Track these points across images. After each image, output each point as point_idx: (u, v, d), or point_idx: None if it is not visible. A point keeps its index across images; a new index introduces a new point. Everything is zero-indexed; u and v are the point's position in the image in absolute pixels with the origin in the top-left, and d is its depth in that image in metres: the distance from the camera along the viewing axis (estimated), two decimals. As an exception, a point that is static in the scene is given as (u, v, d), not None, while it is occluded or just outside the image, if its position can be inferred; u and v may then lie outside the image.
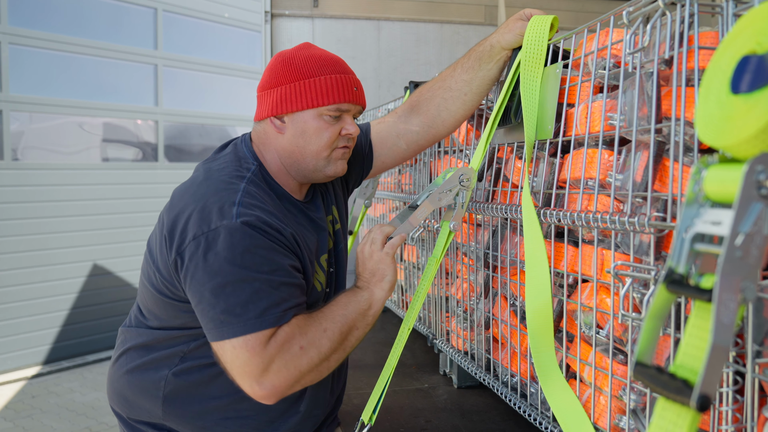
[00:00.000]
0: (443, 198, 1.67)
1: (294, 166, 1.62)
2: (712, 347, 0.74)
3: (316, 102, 1.56)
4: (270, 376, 1.38)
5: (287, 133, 1.60)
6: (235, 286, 1.39)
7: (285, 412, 1.61)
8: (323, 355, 1.44)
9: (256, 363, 1.38)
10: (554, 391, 1.49)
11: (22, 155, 5.52)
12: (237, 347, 1.38)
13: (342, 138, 1.62)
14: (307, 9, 7.23)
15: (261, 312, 1.38)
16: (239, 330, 1.38)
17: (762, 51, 0.77)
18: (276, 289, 1.42)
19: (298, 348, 1.41)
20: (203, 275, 1.40)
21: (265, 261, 1.42)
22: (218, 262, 1.39)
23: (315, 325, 1.45)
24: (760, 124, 0.73)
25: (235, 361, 1.39)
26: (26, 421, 4.51)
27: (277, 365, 1.39)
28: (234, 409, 1.57)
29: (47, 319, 5.62)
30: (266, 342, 1.38)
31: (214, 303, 1.39)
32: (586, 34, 1.49)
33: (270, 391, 1.39)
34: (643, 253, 1.26)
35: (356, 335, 1.52)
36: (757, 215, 0.75)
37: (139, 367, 1.62)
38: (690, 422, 0.76)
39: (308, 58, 1.59)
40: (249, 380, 1.39)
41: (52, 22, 5.61)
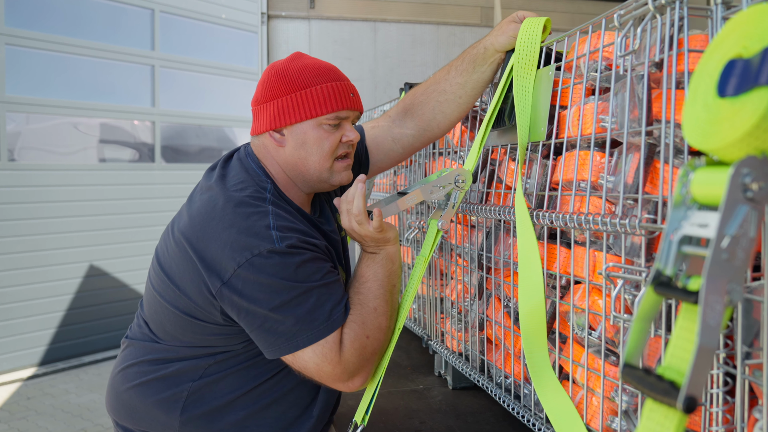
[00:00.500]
0: (435, 192, 1.68)
1: (300, 178, 1.63)
2: (698, 349, 0.74)
3: (315, 112, 1.57)
4: (356, 372, 1.53)
5: (288, 146, 1.61)
6: (299, 299, 1.46)
7: (299, 418, 1.66)
8: (385, 328, 1.58)
9: (340, 371, 1.50)
10: (547, 392, 1.49)
11: (18, 156, 5.52)
12: (318, 362, 1.48)
13: (343, 145, 1.63)
14: (303, 10, 7.23)
15: (328, 314, 1.48)
16: (313, 336, 1.47)
17: (748, 55, 0.78)
18: (332, 289, 1.52)
19: (365, 338, 1.52)
20: (263, 298, 1.44)
21: (315, 270, 1.49)
22: (275, 283, 1.44)
23: (366, 310, 1.55)
24: (745, 127, 0.74)
25: (321, 374, 1.50)
26: (21, 422, 4.50)
27: (359, 363, 1.52)
28: (254, 418, 1.61)
29: (43, 320, 5.62)
30: (339, 348, 1.49)
31: (281, 319, 1.45)
32: (578, 37, 1.50)
33: (361, 382, 1.55)
34: (635, 254, 1.26)
35: (397, 290, 1.64)
36: (742, 218, 0.75)
37: (155, 379, 1.61)
38: (677, 423, 0.77)
39: (302, 69, 1.59)
40: (341, 383, 1.53)
41: (49, 22, 5.61)
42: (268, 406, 1.62)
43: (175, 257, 1.55)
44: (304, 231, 1.53)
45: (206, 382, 1.58)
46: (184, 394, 1.58)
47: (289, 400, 1.65)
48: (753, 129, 0.73)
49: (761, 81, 0.73)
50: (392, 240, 1.62)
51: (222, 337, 1.56)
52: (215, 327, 1.54)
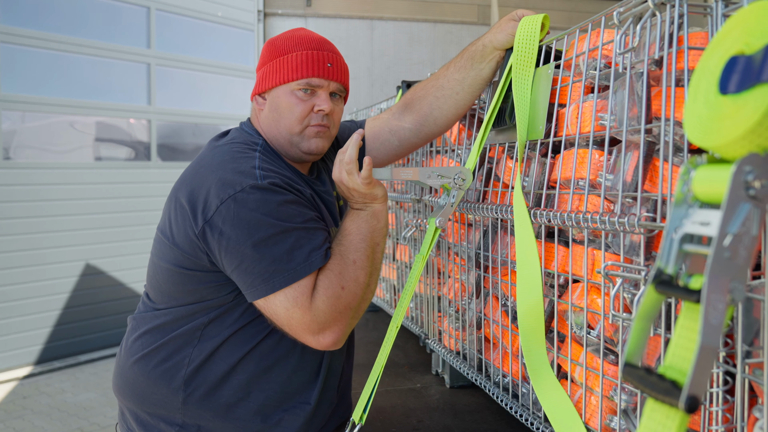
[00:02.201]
0: (432, 178, 1.67)
1: (275, 141, 1.67)
2: (700, 348, 0.74)
3: (287, 77, 1.61)
4: (328, 325, 1.47)
5: (265, 110, 1.67)
6: (277, 238, 1.45)
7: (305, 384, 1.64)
8: (362, 284, 1.53)
9: (310, 318, 1.46)
10: (545, 390, 1.49)
11: (14, 154, 5.50)
12: (288, 307, 1.45)
13: (315, 115, 1.64)
14: (300, 8, 7.22)
15: (306, 256, 1.46)
16: (290, 277, 1.44)
17: (750, 51, 0.77)
18: (313, 233, 1.50)
19: (341, 289, 1.49)
20: (241, 234, 1.44)
21: (297, 212, 1.49)
22: (255, 218, 1.45)
23: (344, 261, 1.52)
24: (748, 124, 0.73)
25: (291, 321, 1.47)
26: (17, 421, 4.49)
27: (330, 315, 1.47)
28: (257, 382, 1.59)
29: (39, 318, 5.60)
30: (310, 295, 1.46)
31: (259, 257, 1.44)
32: (578, 35, 1.49)
33: (332, 338, 1.49)
34: (634, 253, 1.26)
35: (380, 250, 1.61)
36: (745, 216, 0.75)
37: (155, 349, 1.61)
38: (679, 423, 0.76)
39: (288, 38, 1.65)
40: (311, 335, 1.48)
41: (45, 21, 5.59)
42: (270, 369, 1.59)
43: (168, 212, 1.59)
44: (290, 177, 1.56)
45: (205, 349, 1.57)
46: (185, 362, 1.57)
47: (292, 363, 1.61)
48: (755, 126, 0.72)
49: (764, 78, 0.73)
50: (379, 197, 1.60)
51: (212, 287, 1.56)
52: (204, 275, 1.55)
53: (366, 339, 2.98)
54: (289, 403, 1.62)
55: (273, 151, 1.65)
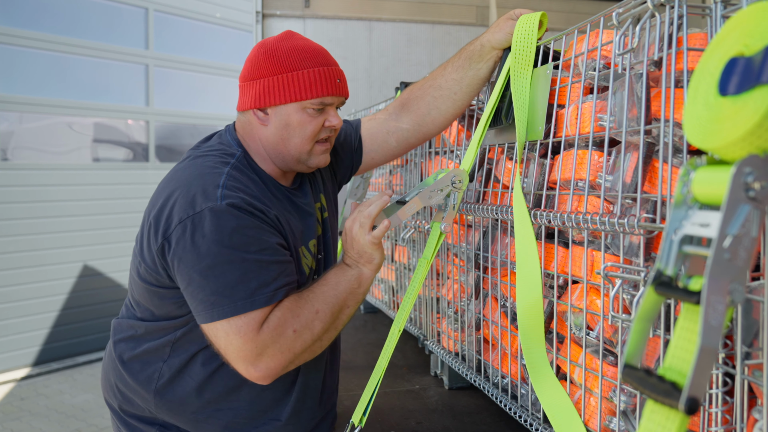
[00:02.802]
0: (434, 197, 1.67)
1: (278, 157, 1.64)
2: (700, 349, 0.73)
3: (300, 95, 1.57)
4: (265, 359, 1.42)
5: (271, 126, 1.61)
6: (224, 267, 1.41)
7: (276, 401, 1.63)
8: (316, 336, 1.48)
9: (250, 348, 1.41)
10: (545, 388, 1.49)
11: (12, 155, 5.49)
12: (230, 333, 1.41)
13: (325, 129, 1.64)
14: (298, 9, 7.21)
15: (251, 293, 1.41)
16: (229, 311, 1.40)
17: (750, 53, 0.77)
18: (265, 268, 1.44)
19: (292, 332, 1.44)
20: (191, 257, 1.42)
21: (253, 241, 1.44)
22: (206, 244, 1.41)
23: (307, 307, 1.48)
24: (747, 126, 0.73)
25: (228, 347, 1.43)
26: (15, 423, 4.48)
27: (272, 350, 1.42)
28: (226, 400, 1.59)
29: (37, 320, 5.59)
30: (258, 327, 1.41)
31: (203, 285, 1.41)
32: (576, 35, 1.49)
33: (264, 373, 1.43)
34: (633, 254, 1.25)
35: (347, 313, 1.56)
36: (745, 217, 0.75)
37: (132, 359, 1.63)
38: (679, 425, 0.76)
39: (291, 50, 1.59)
40: (244, 364, 1.43)
41: (43, 22, 5.58)
42: (239, 388, 1.58)
43: (141, 224, 1.59)
44: (256, 197, 1.51)
45: (174, 365, 1.59)
46: (155, 376, 1.59)
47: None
48: (755, 128, 0.72)
49: (763, 79, 0.73)
50: (374, 263, 1.59)
51: (176, 303, 1.55)
52: (166, 291, 1.54)
53: (365, 340, 2.98)
54: (259, 420, 1.62)
55: (250, 165, 1.62)
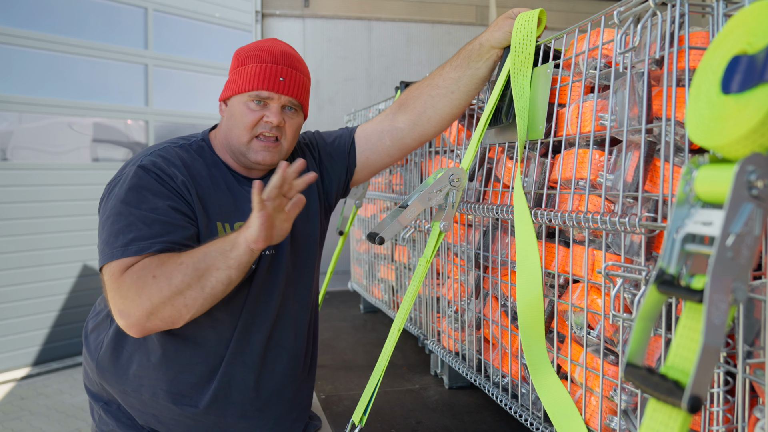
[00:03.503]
0: (433, 198, 1.66)
1: (228, 147, 1.73)
2: (702, 348, 0.73)
3: (240, 88, 1.69)
4: (127, 304, 1.44)
5: (224, 116, 1.74)
6: (114, 218, 1.53)
7: (194, 387, 1.66)
8: (174, 287, 1.44)
9: (115, 289, 1.46)
10: (545, 385, 1.49)
11: (11, 155, 5.49)
12: (106, 277, 1.49)
13: (263, 125, 1.68)
14: (297, 9, 7.21)
15: (127, 242, 1.49)
16: (108, 256, 1.49)
17: (753, 51, 0.77)
18: (148, 225, 1.52)
19: (151, 277, 1.45)
20: (102, 211, 1.59)
21: (145, 200, 1.54)
22: (112, 200, 1.56)
23: (173, 258, 1.49)
24: (750, 124, 0.73)
25: (107, 292, 1.50)
26: (15, 423, 4.47)
27: (132, 293, 1.44)
28: (148, 377, 1.65)
29: (37, 320, 5.59)
30: (125, 270, 1.47)
31: (100, 235, 1.55)
32: (577, 34, 1.49)
33: (129, 320, 1.45)
34: (634, 253, 1.25)
35: (216, 276, 1.46)
36: (747, 216, 0.74)
37: (89, 333, 1.78)
38: (681, 423, 0.76)
39: (252, 48, 1.74)
40: (114, 308, 1.47)
41: (42, 21, 5.57)
42: (158, 365, 1.64)
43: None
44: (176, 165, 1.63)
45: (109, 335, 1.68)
46: (100, 346, 1.70)
47: (180, 363, 1.65)
48: (758, 126, 0.72)
49: (766, 77, 0.73)
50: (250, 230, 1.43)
51: None
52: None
53: (365, 340, 2.98)
54: (177, 401, 1.66)
55: (201, 148, 1.74)
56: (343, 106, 6.71)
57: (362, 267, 3.58)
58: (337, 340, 2.99)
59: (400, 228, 1.63)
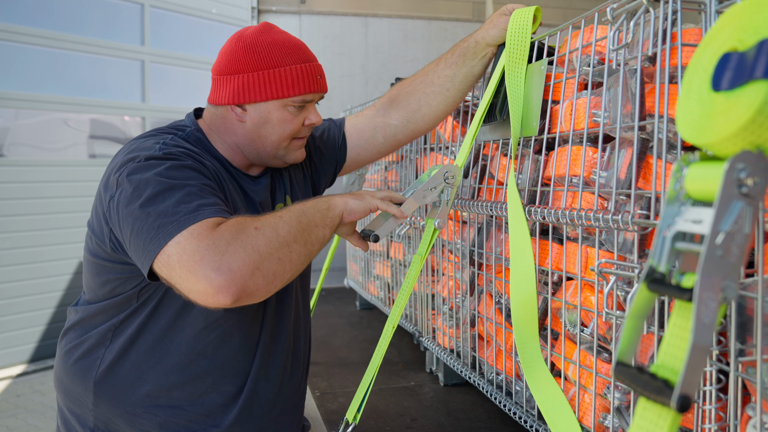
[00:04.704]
0: (428, 195, 1.66)
1: (254, 152, 1.61)
2: (692, 347, 0.73)
3: (282, 93, 1.54)
4: (227, 258, 1.21)
5: (249, 122, 1.58)
6: (165, 193, 1.31)
7: (220, 407, 1.55)
8: (282, 238, 1.31)
9: (208, 246, 1.21)
10: (539, 383, 1.49)
11: (8, 152, 5.48)
12: (182, 241, 1.23)
13: (305, 128, 1.62)
14: (294, 5, 7.20)
15: (195, 208, 1.28)
16: (175, 228, 1.25)
17: (743, 48, 0.77)
18: (208, 195, 1.35)
19: (253, 228, 1.28)
20: (132, 197, 1.33)
21: (191, 175, 1.38)
22: (145, 180, 1.34)
23: (270, 213, 1.37)
24: (741, 121, 0.72)
25: (183, 257, 1.22)
26: (11, 420, 4.47)
27: (233, 246, 1.23)
28: (166, 397, 1.52)
29: (33, 317, 5.58)
30: (214, 226, 1.26)
31: (145, 216, 1.29)
32: (571, 31, 1.49)
33: (229, 276, 1.20)
34: (627, 250, 1.25)
35: (316, 233, 1.41)
36: (737, 213, 0.74)
37: (74, 348, 1.57)
38: (671, 422, 0.76)
39: (271, 45, 1.55)
40: (203, 269, 1.20)
41: (39, 18, 5.56)
42: (181, 385, 1.51)
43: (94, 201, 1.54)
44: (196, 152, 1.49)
45: (115, 350, 1.52)
46: (97, 362, 1.53)
47: (207, 384, 1.54)
48: (748, 123, 0.72)
49: (756, 75, 0.72)
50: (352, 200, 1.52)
51: (120, 279, 1.49)
52: (111, 265, 1.49)
53: (360, 337, 2.98)
54: (197, 424, 1.54)
55: (199, 140, 1.59)
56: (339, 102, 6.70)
57: (358, 264, 3.58)
58: (333, 337, 2.99)
59: (395, 226, 1.62)
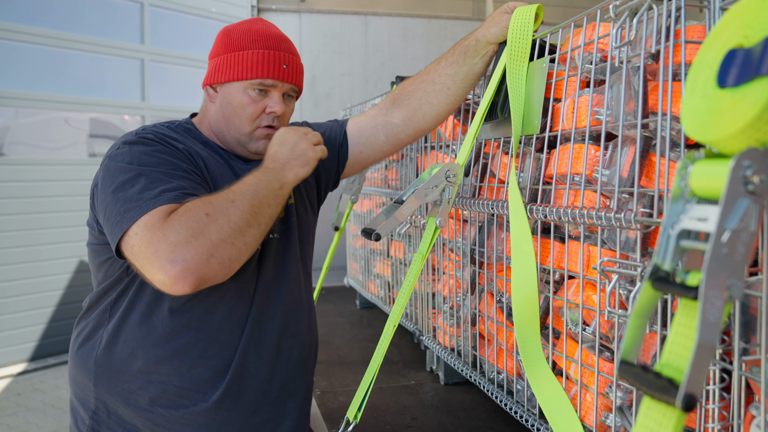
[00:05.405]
0: (429, 194, 1.65)
1: (220, 135, 1.67)
2: (697, 346, 0.72)
3: (241, 75, 1.61)
4: (180, 249, 1.25)
5: (216, 103, 1.66)
6: (133, 181, 1.38)
7: (208, 381, 1.57)
8: (234, 224, 1.34)
9: (159, 238, 1.27)
10: (540, 382, 1.48)
11: (8, 150, 5.47)
12: (139, 233, 1.30)
13: (266, 116, 1.64)
14: (293, 3, 7.19)
15: (157, 194, 1.34)
16: (136, 214, 1.31)
17: (749, 44, 0.76)
18: (174, 179, 1.40)
19: (204, 215, 1.31)
20: (106, 183, 1.43)
21: (162, 161, 1.44)
22: (118, 167, 1.43)
23: (221, 196, 1.38)
24: (747, 118, 0.72)
25: (140, 249, 1.29)
26: (11, 418, 4.47)
27: (184, 236, 1.27)
28: (156, 372, 1.55)
29: (33, 315, 5.58)
30: (166, 216, 1.30)
31: (114, 201, 1.37)
32: (573, 29, 1.48)
33: (183, 266, 1.25)
34: (630, 249, 1.25)
35: (269, 213, 1.43)
36: (743, 211, 0.73)
37: (79, 334, 1.64)
38: (675, 421, 0.75)
39: (245, 32, 1.64)
40: (158, 261, 1.26)
41: (39, 17, 5.56)
42: (168, 359, 1.54)
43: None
44: (172, 137, 1.55)
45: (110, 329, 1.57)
46: (97, 343, 1.58)
47: (193, 357, 1.56)
48: (754, 120, 0.71)
49: (763, 71, 0.72)
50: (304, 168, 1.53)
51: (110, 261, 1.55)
52: (101, 248, 1.56)
53: (360, 336, 2.97)
54: (187, 398, 1.57)
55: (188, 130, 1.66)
56: (339, 101, 6.70)
57: (358, 263, 3.57)
58: (333, 335, 2.98)
59: (396, 224, 1.62)
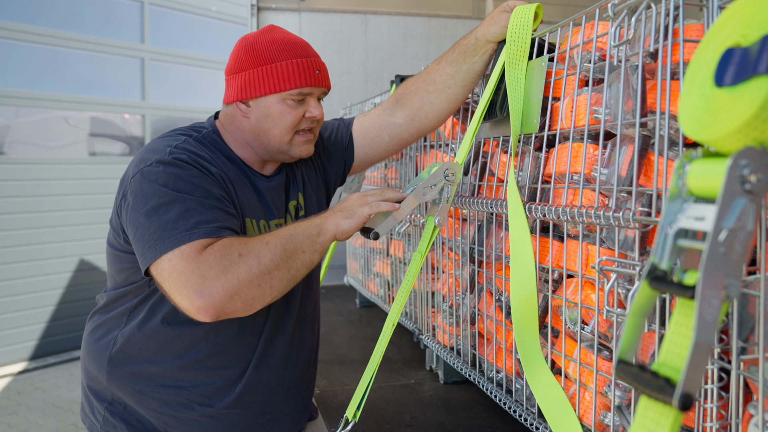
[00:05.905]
0: (428, 192, 1.65)
1: (261, 147, 1.68)
2: (694, 345, 0.72)
3: (279, 87, 1.61)
4: (208, 283, 1.33)
5: (252, 117, 1.66)
6: (167, 206, 1.42)
7: (220, 390, 1.63)
8: (263, 266, 1.39)
9: (192, 269, 1.34)
10: (539, 381, 1.48)
11: (8, 149, 5.47)
12: (173, 260, 1.36)
13: (306, 120, 1.66)
14: (293, 2, 7.19)
15: (192, 226, 1.39)
16: (171, 244, 1.37)
17: (746, 43, 0.76)
18: (208, 209, 1.44)
19: (237, 255, 1.37)
20: (138, 203, 1.45)
21: (196, 188, 1.46)
22: (152, 189, 1.45)
23: (257, 238, 1.44)
24: (744, 117, 0.72)
25: (172, 275, 1.36)
26: (11, 417, 4.47)
27: (215, 271, 1.34)
28: (171, 378, 1.61)
29: (33, 314, 5.58)
30: (202, 249, 1.37)
31: (148, 225, 1.41)
32: (572, 27, 1.48)
33: (208, 300, 1.33)
34: (628, 248, 1.24)
35: (302, 259, 1.47)
36: (740, 210, 0.73)
37: (95, 329, 1.69)
38: (673, 421, 0.75)
39: (270, 43, 1.64)
40: (187, 290, 1.34)
41: (39, 16, 5.55)
42: (184, 369, 1.60)
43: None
44: (205, 158, 1.56)
45: (126, 334, 1.62)
46: (111, 344, 1.63)
47: (209, 367, 1.62)
48: (751, 119, 0.71)
49: (760, 70, 0.72)
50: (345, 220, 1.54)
51: (133, 268, 1.57)
52: (125, 256, 1.58)
53: (360, 335, 2.97)
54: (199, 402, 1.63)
55: (214, 141, 1.67)
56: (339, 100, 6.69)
57: (358, 261, 3.57)
58: (333, 334, 2.98)
59: (395, 223, 1.62)
